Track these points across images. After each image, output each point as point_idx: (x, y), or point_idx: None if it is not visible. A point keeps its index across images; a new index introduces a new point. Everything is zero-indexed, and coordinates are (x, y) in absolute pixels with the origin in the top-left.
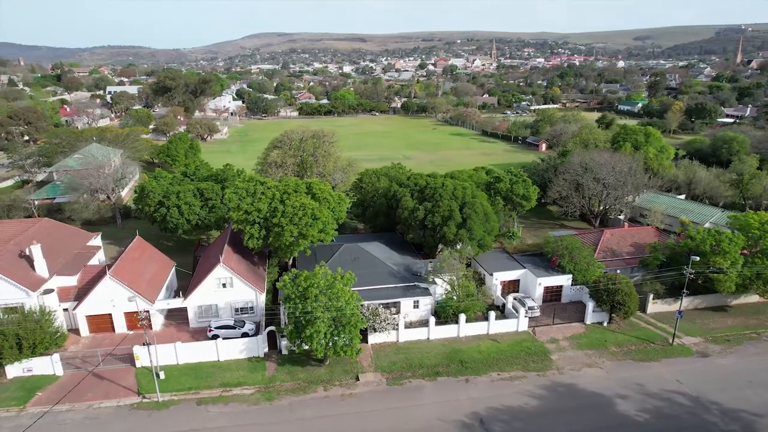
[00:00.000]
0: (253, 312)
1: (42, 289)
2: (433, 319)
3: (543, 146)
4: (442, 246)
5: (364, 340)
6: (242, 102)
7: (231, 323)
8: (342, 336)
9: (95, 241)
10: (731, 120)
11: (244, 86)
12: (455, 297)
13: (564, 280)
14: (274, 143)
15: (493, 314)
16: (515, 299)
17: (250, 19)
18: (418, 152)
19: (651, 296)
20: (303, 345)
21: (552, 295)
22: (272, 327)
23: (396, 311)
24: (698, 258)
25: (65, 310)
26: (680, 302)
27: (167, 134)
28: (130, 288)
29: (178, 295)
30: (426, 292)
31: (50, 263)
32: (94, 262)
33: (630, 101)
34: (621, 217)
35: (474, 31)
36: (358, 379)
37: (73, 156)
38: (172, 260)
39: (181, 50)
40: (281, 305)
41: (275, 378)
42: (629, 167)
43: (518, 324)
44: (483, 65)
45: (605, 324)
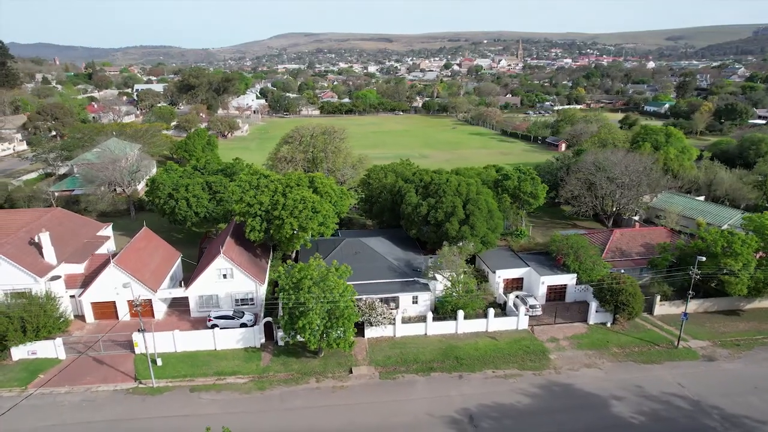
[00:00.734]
0: (253, 303)
1: (49, 276)
2: (431, 315)
3: (562, 146)
4: (446, 242)
5: (361, 334)
6: (265, 100)
7: (230, 314)
8: (335, 328)
9: (105, 232)
10: (763, 121)
11: (269, 85)
12: (455, 294)
13: (568, 279)
14: (285, 139)
15: (492, 311)
16: (517, 297)
17: (278, 20)
18: (436, 151)
19: (658, 298)
20: (297, 336)
21: (556, 295)
22: (269, 318)
23: (395, 306)
24: (704, 258)
25: (72, 297)
26: (686, 304)
27: (188, 131)
28: (134, 276)
29: (182, 285)
30: (425, 288)
31: (59, 251)
32: (103, 252)
33: (656, 102)
34: (636, 218)
35: (501, 32)
36: (351, 372)
37: (92, 150)
38: (179, 251)
39: (210, 50)
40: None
41: (269, 368)
42: (644, 167)
43: (518, 322)
44: (509, 66)
45: (609, 325)
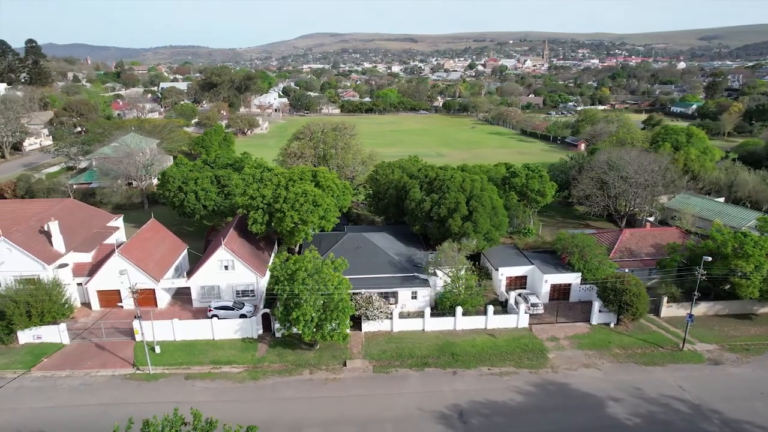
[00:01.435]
0: (254, 295)
1: (57, 263)
2: (429, 311)
3: (582, 146)
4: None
5: (358, 328)
6: (287, 99)
7: (230, 305)
8: (330, 321)
9: (116, 222)
10: None
11: (291, 84)
12: (454, 290)
13: (572, 279)
14: (296, 135)
15: (492, 309)
16: (519, 295)
17: (304, 20)
18: (453, 150)
19: (665, 299)
20: (292, 328)
21: (560, 294)
22: (267, 309)
23: (394, 301)
24: (710, 258)
25: (79, 285)
26: (691, 305)
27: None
28: (137, 266)
29: (186, 276)
30: (425, 284)
31: (68, 240)
32: (111, 242)
33: (684, 103)
34: (650, 219)
35: (527, 32)
36: (345, 365)
37: (110, 144)
38: (186, 243)
39: (237, 50)
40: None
41: (264, 359)
42: (659, 166)
43: (518, 320)
44: (534, 66)
45: (612, 325)
